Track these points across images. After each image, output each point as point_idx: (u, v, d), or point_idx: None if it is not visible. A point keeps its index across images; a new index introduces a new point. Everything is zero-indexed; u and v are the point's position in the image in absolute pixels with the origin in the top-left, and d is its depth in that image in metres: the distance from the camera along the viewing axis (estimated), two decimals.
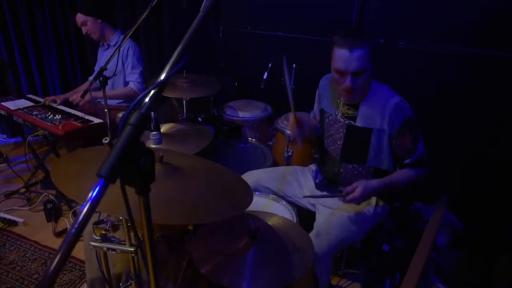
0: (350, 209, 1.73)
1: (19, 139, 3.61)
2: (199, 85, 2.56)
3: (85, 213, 0.53)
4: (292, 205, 1.79)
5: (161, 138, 1.70)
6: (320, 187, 1.90)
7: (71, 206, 2.63)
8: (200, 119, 2.71)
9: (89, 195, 0.53)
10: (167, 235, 1.45)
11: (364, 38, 1.47)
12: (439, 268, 2.06)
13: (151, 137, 1.68)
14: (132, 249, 1.19)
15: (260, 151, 2.53)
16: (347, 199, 1.58)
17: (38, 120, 2.49)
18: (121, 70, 2.82)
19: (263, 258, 1.28)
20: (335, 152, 1.79)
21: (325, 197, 1.79)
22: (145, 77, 2.86)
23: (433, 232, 1.54)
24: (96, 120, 2.56)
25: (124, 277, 1.44)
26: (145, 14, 1.71)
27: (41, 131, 2.45)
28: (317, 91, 1.91)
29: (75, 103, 2.81)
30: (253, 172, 2.01)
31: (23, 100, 2.88)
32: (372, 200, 1.77)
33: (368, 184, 1.59)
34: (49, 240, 2.40)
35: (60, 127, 2.39)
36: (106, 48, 2.90)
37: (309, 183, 1.94)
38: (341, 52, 1.49)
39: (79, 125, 2.46)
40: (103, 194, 0.54)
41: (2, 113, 2.71)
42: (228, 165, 1.42)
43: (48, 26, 3.55)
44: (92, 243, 1.19)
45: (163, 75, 0.64)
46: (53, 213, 2.54)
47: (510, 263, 2.02)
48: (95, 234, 1.20)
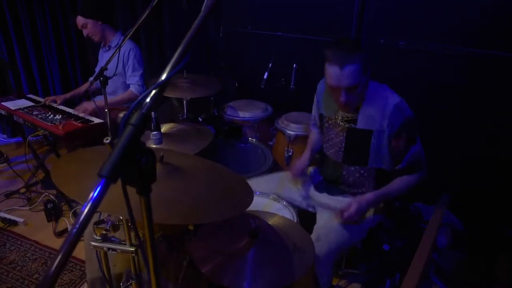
0: None
1: (19, 139, 3.61)
2: (199, 85, 2.56)
3: (86, 213, 0.53)
4: (292, 205, 1.79)
5: (161, 138, 1.70)
6: (319, 188, 1.89)
7: (72, 206, 2.64)
8: (200, 119, 2.71)
9: (90, 195, 0.53)
10: (168, 235, 1.45)
11: (355, 53, 1.47)
12: (439, 268, 2.06)
13: (151, 137, 1.67)
14: (133, 249, 1.19)
15: (260, 151, 2.53)
16: (345, 217, 1.59)
17: (38, 120, 2.49)
18: (122, 72, 2.81)
19: (263, 258, 1.28)
20: (335, 156, 1.78)
21: (324, 207, 1.79)
22: (145, 79, 2.85)
23: (433, 232, 1.54)
24: (97, 120, 2.56)
25: (124, 277, 1.45)
26: (146, 14, 1.70)
27: (42, 131, 2.45)
28: (315, 96, 1.90)
29: (87, 113, 2.68)
30: (250, 181, 1.99)
31: (23, 100, 2.88)
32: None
33: (362, 200, 1.61)
34: (49, 240, 2.40)
35: (60, 127, 2.39)
36: (107, 49, 2.89)
37: (308, 186, 1.93)
38: (332, 69, 1.49)
39: (80, 125, 2.47)
40: (104, 194, 0.54)
41: (3, 113, 2.71)
42: (229, 165, 1.42)
43: (48, 25, 3.55)
44: (93, 243, 1.20)
45: (164, 75, 0.64)
46: (53, 213, 2.54)
47: (510, 263, 2.02)
48: (95, 234, 1.20)
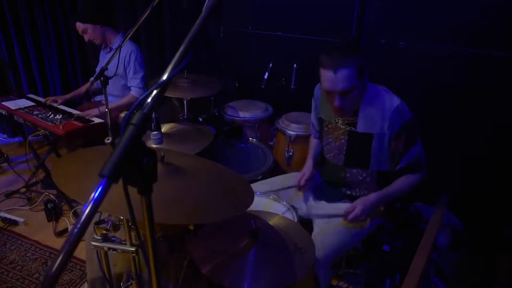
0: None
1: (19, 138, 3.62)
2: (200, 85, 2.56)
3: (88, 213, 0.53)
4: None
5: (162, 138, 1.70)
6: (317, 194, 1.87)
7: (72, 205, 2.64)
8: (201, 119, 2.71)
9: (92, 195, 0.53)
10: (168, 235, 1.45)
11: (349, 58, 1.47)
12: (439, 269, 2.06)
13: (152, 137, 1.68)
14: (133, 249, 1.19)
15: (261, 151, 2.53)
16: (351, 218, 1.60)
17: (38, 120, 2.49)
18: (123, 74, 2.80)
19: (264, 258, 1.28)
20: (335, 159, 1.78)
21: (324, 216, 1.77)
22: (146, 80, 2.84)
23: (434, 232, 1.54)
24: (97, 120, 2.57)
25: (125, 277, 1.45)
26: (146, 14, 1.71)
27: (42, 130, 2.46)
28: (313, 101, 1.89)
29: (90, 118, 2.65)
30: (253, 185, 1.97)
31: (23, 99, 2.89)
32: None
33: (366, 200, 1.62)
34: (49, 239, 2.41)
35: (60, 127, 2.39)
36: (108, 51, 2.86)
37: (308, 193, 1.90)
38: (326, 73, 1.50)
39: (80, 125, 2.47)
40: (106, 194, 0.53)
41: (3, 112, 2.71)
42: (229, 165, 1.42)
43: (48, 25, 3.55)
44: (93, 243, 1.20)
45: (165, 75, 0.64)
46: (53, 213, 2.54)
47: (510, 263, 2.02)
48: (96, 234, 1.20)
